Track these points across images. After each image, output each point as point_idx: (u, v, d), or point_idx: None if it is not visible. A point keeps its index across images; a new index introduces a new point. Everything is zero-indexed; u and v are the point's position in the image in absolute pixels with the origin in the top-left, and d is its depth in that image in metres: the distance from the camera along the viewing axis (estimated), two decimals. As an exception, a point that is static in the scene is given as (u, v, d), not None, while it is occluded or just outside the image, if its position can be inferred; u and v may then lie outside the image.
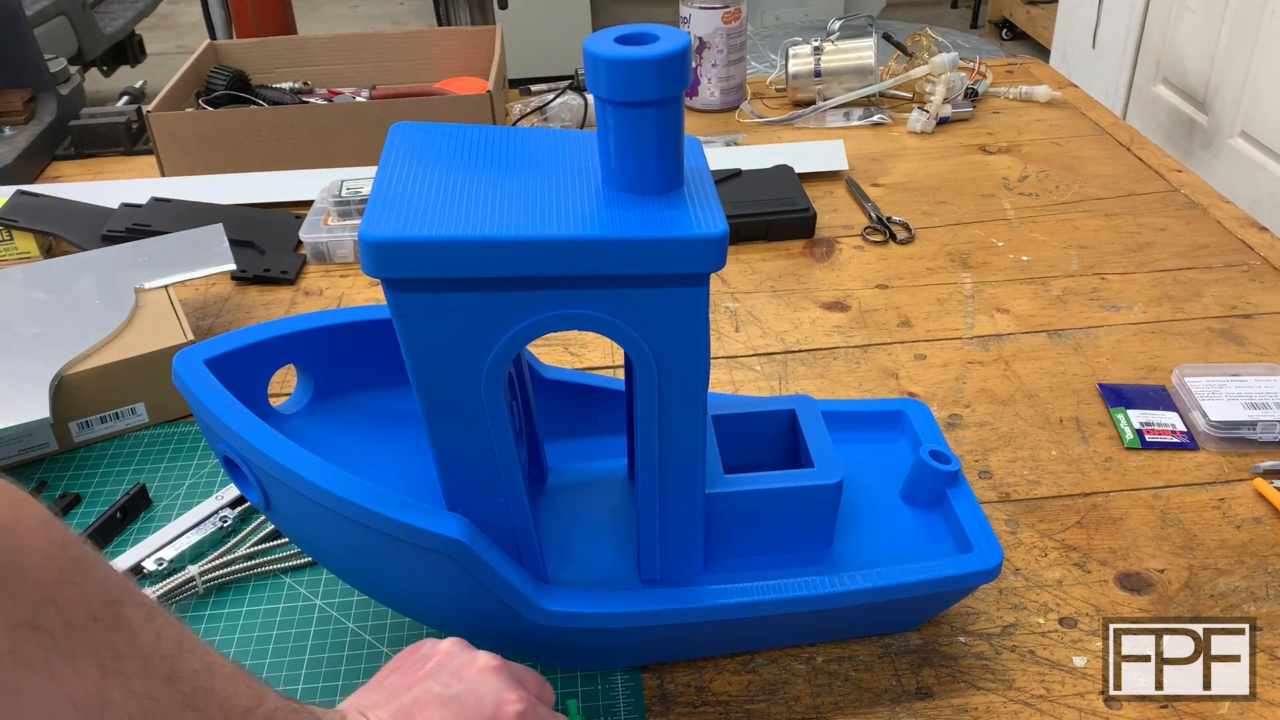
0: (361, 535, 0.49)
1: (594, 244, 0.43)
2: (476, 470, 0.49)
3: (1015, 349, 0.84)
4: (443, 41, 1.37)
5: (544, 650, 0.56)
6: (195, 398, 0.50)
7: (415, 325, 0.44)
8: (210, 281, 0.99)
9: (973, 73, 1.38)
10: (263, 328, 0.55)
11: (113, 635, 0.33)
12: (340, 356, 0.58)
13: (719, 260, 0.43)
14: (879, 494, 0.61)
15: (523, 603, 0.51)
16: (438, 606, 0.55)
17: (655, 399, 0.48)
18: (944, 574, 0.54)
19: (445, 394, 0.46)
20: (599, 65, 0.43)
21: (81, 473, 0.73)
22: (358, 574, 0.56)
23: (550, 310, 0.45)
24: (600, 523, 0.59)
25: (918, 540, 0.58)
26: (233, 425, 0.48)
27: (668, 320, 0.45)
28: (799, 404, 0.60)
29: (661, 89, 0.43)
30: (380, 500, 0.47)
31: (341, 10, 2.93)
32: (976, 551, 0.55)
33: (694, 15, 1.30)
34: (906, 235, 1.03)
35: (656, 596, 0.53)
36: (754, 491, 0.54)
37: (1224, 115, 1.84)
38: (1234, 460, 0.71)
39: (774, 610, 0.53)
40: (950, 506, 0.58)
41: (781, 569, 0.56)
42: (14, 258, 1.02)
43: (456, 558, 0.48)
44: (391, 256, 0.42)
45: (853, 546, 0.58)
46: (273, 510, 0.52)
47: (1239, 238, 1.00)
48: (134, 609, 0.34)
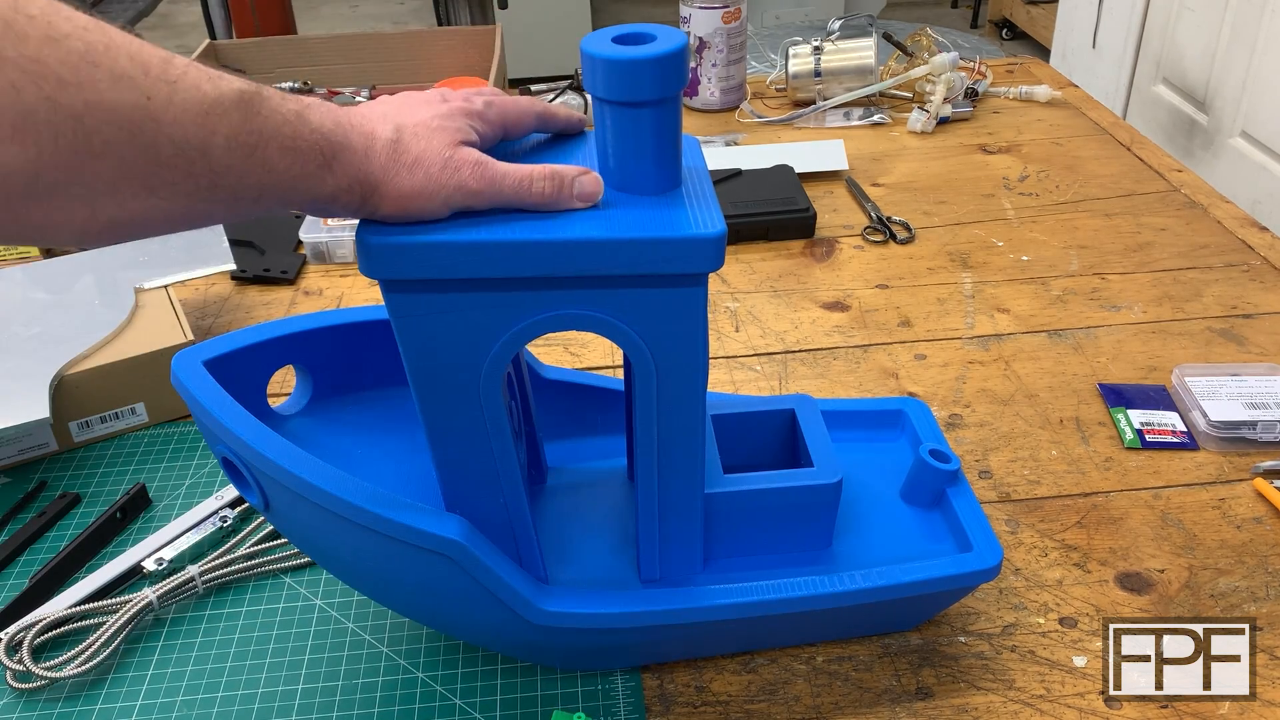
0: (360, 536, 0.49)
1: (592, 244, 0.43)
2: (475, 471, 0.49)
3: (1015, 349, 0.84)
4: (442, 41, 1.37)
5: (544, 651, 0.56)
6: (194, 399, 0.50)
7: (413, 326, 0.44)
8: (210, 281, 0.99)
9: (973, 72, 1.38)
10: (262, 329, 0.55)
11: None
12: (340, 357, 0.58)
13: (717, 260, 0.43)
14: (879, 493, 0.61)
15: (522, 604, 0.50)
16: (437, 607, 0.55)
17: (654, 399, 0.48)
18: (944, 573, 0.54)
19: (444, 395, 0.46)
20: (596, 65, 0.43)
21: (81, 472, 0.73)
22: (357, 575, 0.55)
23: (548, 311, 0.45)
24: (600, 523, 0.59)
25: (917, 539, 0.58)
26: (231, 427, 0.48)
27: (666, 320, 0.45)
28: (798, 403, 0.60)
29: (659, 89, 0.43)
30: (378, 501, 0.47)
31: (341, 10, 2.93)
32: (977, 551, 0.55)
33: (694, 15, 1.30)
34: (906, 235, 1.03)
35: (657, 597, 0.53)
36: (753, 491, 0.54)
37: (1224, 115, 1.84)
38: (1234, 460, 0.71)
39: (775, 610, 0.53)
40: (950, 505, 0.58)
41: (781, 569, 0.56)
42: (14, 258, 1.02)
43: (455, 559, 0.48)
44: (390, 258, 0.42)
45: (852, 546, 0.58)
46: (272, 512, 0.52)
47: (1239, 238, 1.00)
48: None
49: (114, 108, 0.32)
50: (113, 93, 0.32)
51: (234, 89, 0.36)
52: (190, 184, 0.36)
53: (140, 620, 0.60)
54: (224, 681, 0.57)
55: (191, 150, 0.35)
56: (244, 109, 0.36)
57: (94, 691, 0.57)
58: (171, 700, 0.56)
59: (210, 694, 0.56)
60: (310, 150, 0.39)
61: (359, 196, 0.42)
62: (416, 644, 0.59)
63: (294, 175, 0.39)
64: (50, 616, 0.59)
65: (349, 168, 0.41)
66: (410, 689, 0.56)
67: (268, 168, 0.38)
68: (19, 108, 0.30)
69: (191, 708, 0.56)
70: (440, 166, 0.42)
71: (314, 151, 0.39)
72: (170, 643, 0.60)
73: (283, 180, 0.39)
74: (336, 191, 0.41)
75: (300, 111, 0.39)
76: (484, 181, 0.43)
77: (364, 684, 0.56)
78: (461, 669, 0.57)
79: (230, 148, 0.36)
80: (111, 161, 0.33)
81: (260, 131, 0.37)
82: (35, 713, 0.56)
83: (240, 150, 0.36)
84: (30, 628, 0.58)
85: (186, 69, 0.35)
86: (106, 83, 0.32)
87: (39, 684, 0.57)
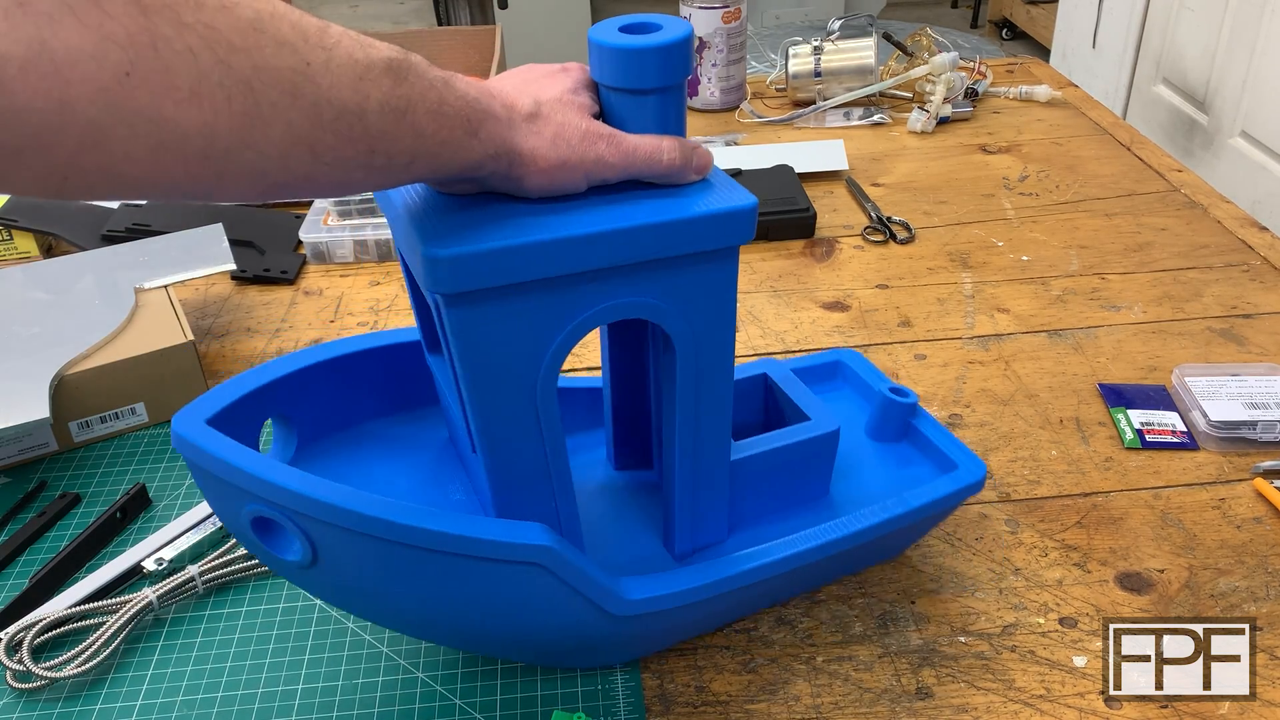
0: (439, 567, 0.46)
1: (643, 230, 0.43)
2: (531, 474, 0.48)
3: (1015, 349, 0.84)
4: (443, 41, 1.37)
5: (618, 647, 0.56)
6: (213, 458, 0.45)
7: (476, 337, 0.43)
8: (210, 281, 0.99)
9: (973, 72, 1.38)
10: (246, 378, 0.52)
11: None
12: (327, 395, 0.56)
13: (752, 230, 0.45)
14: (847, 437, 0.65)
15: (606, 597, 0.50)
16: (516, 626, 0.52)
17: (693, 375, 0.49)
18: (943, 493, 0.58)
19: (502, 403, 0.45)
20: (604, 54, 0.45)
21: (81, 473, 0.73)
22: (426, 615, 0.51)
23: (603, 303, 0.45)
24: (603, 512, 0.59)
25: (899, 470, 0.62)
26: (270, 477, 0.44)
27: (705, 294, 0.47)
28: (767, 367, 0.64)
29: (665, 76, 0.44)
30: (460, 523, 0.45)
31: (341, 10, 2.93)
32: (962, 468, 0.59)
33: (694, 15, 1.30)
34: (906, 235, 1.03)
35: (712, 568, 0.53)
36: (768, 451, 0.57)
37: (1224, 115, 1.84)
38: (1234, 460, 0.71)
39: (809, 559, 0.55)
40: (919, 434, 0.63)
41: (794, 521, 0.58)
42: (14, 258, 1.02)
43: (547, 565, 0.47)
44: (466, 268, 0.41)
45: (846, 490, 0.61)
46: (320, 567, 0.47)
47: (1239, 238, 1.00)
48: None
49: (277, 71, 0.34)
50: (276, 58, 0.34)
51: (383, 55, 0.37)
52: (350, 149, 0.37)
53: (140, 620, 0.60)
54: (224, 681, 0.57)
55: (349, 115, 0.36)
56: (394, 74, 0.37)
57: (94, 691, 0.57)
58: (171, 700, 0.56)
59: (210, 694, 0.56)
60: (457, 116, 0.40)
61: (505, 165, 0.42)
62: (416, 644, 0.59)
63: (441, 140, 0.39)
64: (50, 616, 0.59)
65: (494, 135, 0.41)
66: (410, 689, 0.56)
67: (417, 132, 0.38)
68: (195, 71, 0.31)
69: (191, 708, 0.56)
70: (580, 139, 0.43)
71: (460, 118, 0.40)
72: (170, 643, 0.60)
73: (431, 145, 0.39)
74: (483, 159, 0.41)
75: (446, 79, 0.40)
76: (619, 154, 0.44)
77: (364, 684, 0.56)
78: (461, 669, 0.57)
79: (383, 112, 0.37)
80: (280, 126, 0.34)
81: (409, 97, 0.38)
82: (35, 713, 0.56)
83: (392, 115, 0.37)
84: (30, 628, 0.58)
85: (341, 37, 0.36)
86: (271, 48, 0.34)
87: (39, 684, 0.57)
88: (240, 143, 0.33)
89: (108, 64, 0.29)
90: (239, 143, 0.33)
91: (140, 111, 0.31)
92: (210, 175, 0.34)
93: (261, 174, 0.35)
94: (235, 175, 0.34)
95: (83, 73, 0.29)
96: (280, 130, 0.34)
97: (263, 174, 0.35)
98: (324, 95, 0.35)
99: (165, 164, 0.32)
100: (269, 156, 0.35)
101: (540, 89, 0.45)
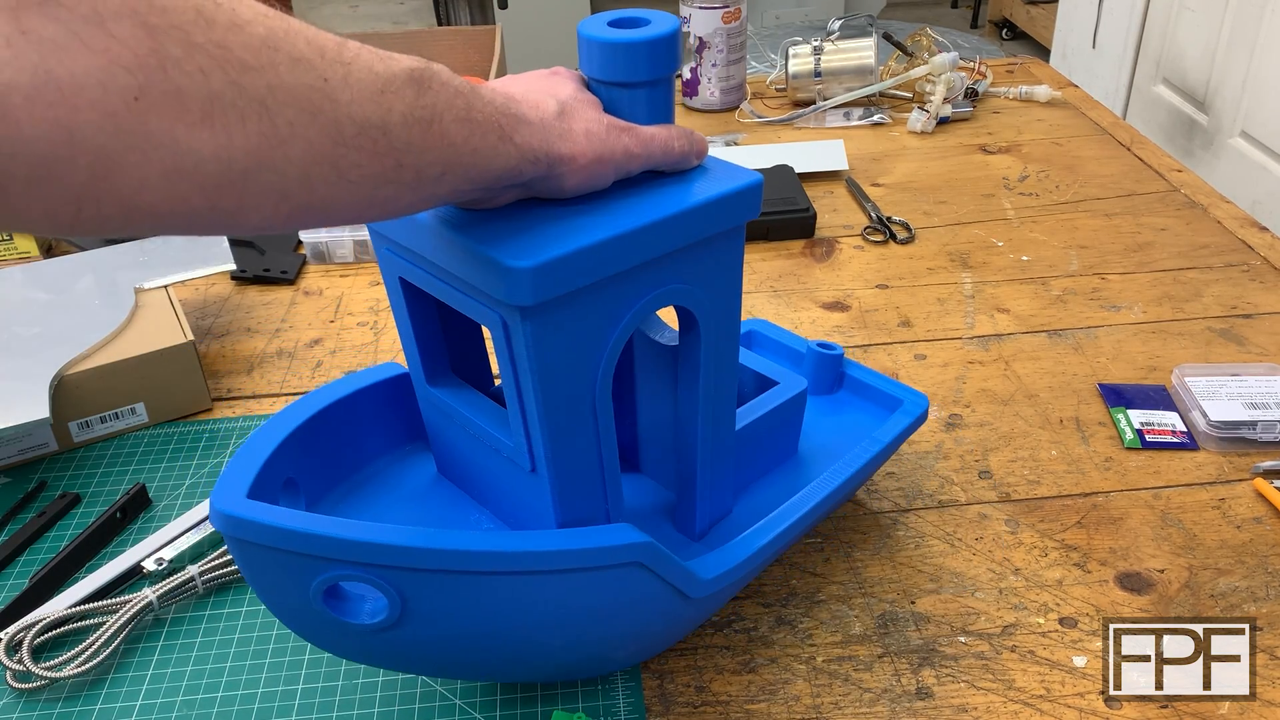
0: (543, 591, 0.45)
1: (683, 216, 0.44)
2: (590, 479, 0.48)
3: (1015, 349, 0.84)
4: (443, 41, 1.37)
5: (687, 628, 0.56)
6: (277, 530, 0.41)
7: (549, 346, 0.42)
8: (210, 281, 0.99)
9: (973, 72, 1.38)
10: (259, 442, 0.49)
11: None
12: (322, 448, 0.54)
13: (759, 204, 0.48)
14: None
15: (690, 582, 0.49)
16: (608, 636, 0.51)
17: (714, 351, 0.50)
18: (901, 429, 0.62)
19: (570, 409, 0.45)
20: (593, 48, 0.45)
21: (81, 473, 0.73)
22: (514, 652, 0.49)
23: (648, 294, 0.46)
24: None
25: (848, 416, 0.67)
26: (349, 535, 0.41)
27: (721, 271, 0.48)
28: None
29: (652, 70, 0.46)
30: (560, 539, 0.44)
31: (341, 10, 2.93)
32: (908, 403, 0.64)
33: (694, 15, 1.30)
34: (906, 235, 1.03)
35: (745, 542, 0.53)
36: (760, 418, 0.59)
37: (1224, 115, 1.84)
38: (1234, 460, 0.71)
39: (819, 513, 0.57)
40: (855, 380, 0.68)
41: (777, 481, 0.61)
42: (14, 258, 1.02)
43: (647, 562, 0.46)
44: (548, 275, 0.40)
45: (810, 446, 0.65)
46: (406, 622, 0.44)
47: (1239, 238, 1.00)
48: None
49: (293, 90, 0.33)
50: (291, 76, 0.33)
51: (404, 66, 0.37)
52: (376, 165, 0.36)
53: (140, 620, 0.60)
54: (224, 681, 0.57)
55: (373, 129, 0.35)
56: (416, 84, 0.37)
57: (94, 691, 0.57)
58: (171, 700, 0.56)
59: (210, 694, 0.56)
60: (488, 123, 0.39)
61: (545, 168, 0.42)
62: (416, 644, 0.59)
63: (473, 148, 0.39)
64: (50, 616, 0.59)
65: (530, 139, 0.41)
66: (410, 689, 0.56)
67: (447, 141, 0.38)
68: (207, 92, 0.31)
69: (191, 708, 0.56)
70: (606, 133, 0.44)
71: (491, 124, 0.39)
72: (170, 643, 0.60)
73: (462, 154, 0.38)
74: (520, 164, 0.41)
75: (473, 86, 0.39)
76: (640, 144, 0.45)
77: (364, 684, 0.56)
78: (461, 669, 0.57)
79: (408, 123, 0.36)
80: (299, 145, 0.33)
81: (434, 106, 0.37)
82: (35, 713, 0.56)
83: (418, 125, 0.37)
84: (30, 628, 0.58)
85: (359, 51, 0.36)
86: (286, 66, 0.33)
87: (39, 684, 0.57)
88: (258, 164, 0.32)
89: (115, 89, 0.29)
90: (257, 164, 0.32)
91: (151, 136, 0.30)
92: (229, 200, 0.33)
93: (284, 196, 0.34)
94: (256, 199, 0.33)
95: (89, 99, 0.28)
96: (300, 149, 0.33)
97: (285, 196, 0.34)
98: (344, 111, 0.34)
99: (181, 190, 0.31)
100: (290, 177, 0.34)
101: (552, 89, 0.45)
